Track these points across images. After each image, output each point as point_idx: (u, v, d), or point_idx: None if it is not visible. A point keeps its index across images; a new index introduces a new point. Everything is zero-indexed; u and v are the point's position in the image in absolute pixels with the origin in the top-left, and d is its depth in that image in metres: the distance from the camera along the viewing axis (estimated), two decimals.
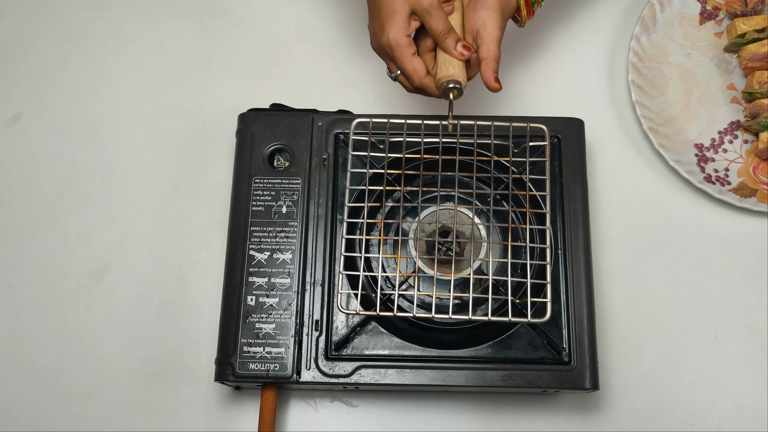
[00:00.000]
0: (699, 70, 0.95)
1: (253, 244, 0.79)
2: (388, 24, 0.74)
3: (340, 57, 0.96)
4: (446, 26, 0.74)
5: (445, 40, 0.74)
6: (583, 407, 0.82)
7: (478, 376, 0.75)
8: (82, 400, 0.82)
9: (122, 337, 0.84)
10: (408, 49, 0.75)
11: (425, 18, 0.74)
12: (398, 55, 0.75)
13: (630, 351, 0.83)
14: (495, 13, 0.76)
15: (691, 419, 0.81)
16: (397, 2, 0.74)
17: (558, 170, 0.81)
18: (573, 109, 0.87)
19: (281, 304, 0.77)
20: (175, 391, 0.82)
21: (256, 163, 0.82)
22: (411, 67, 0.75)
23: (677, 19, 0.96)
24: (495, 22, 0.75)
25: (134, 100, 0.95)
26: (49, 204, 0.90)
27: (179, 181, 0.91)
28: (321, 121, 0.83)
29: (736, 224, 0.88)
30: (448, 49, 0.75)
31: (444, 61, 0.75)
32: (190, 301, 0.86)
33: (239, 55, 0.97)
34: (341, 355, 0.76)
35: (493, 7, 0.76)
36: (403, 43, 0.74)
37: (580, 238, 0.79)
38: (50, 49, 0.97)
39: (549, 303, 0.71)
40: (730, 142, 0.92)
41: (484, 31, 0.75)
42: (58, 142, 0.93)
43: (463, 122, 0.78)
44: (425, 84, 0.76)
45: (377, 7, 0.75)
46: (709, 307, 0.85)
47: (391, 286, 0.80)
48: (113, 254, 0.88)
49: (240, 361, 0.76)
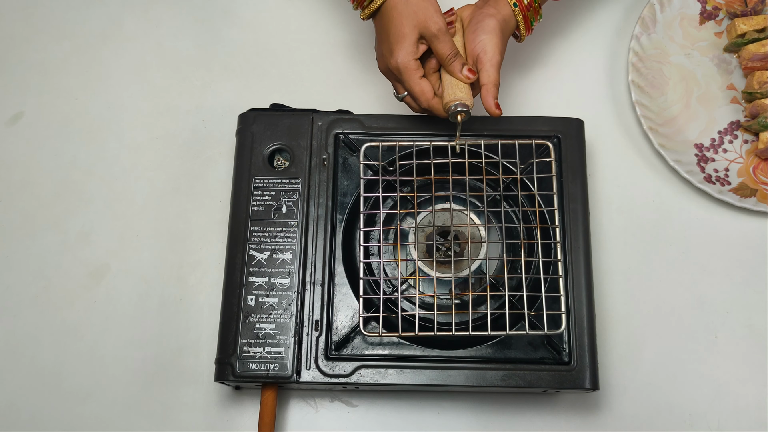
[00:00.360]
0: (699, 70, 0.95)
1: (253, 244, 0.79)
2: (396, 48, 0.76)
3: (340, 57, 0.96)
4: (453, 50, 0.76)
5: (451, 63, 0.76)
6: (583, 407, 0.82)
7: (478, 376, 0.75)
8: (82, 400, 0.82)
9: (122, 337, 0.84)
10: (416, 73, 0.76)
11: (433, 42, 0.76)
12: (406, 77, 0.76)
13: (630, 351, 0.83)
14: (495, 37, 0.77)
15: (691, 419, 0.81)
16: (406, 27, 0.75)
17: (558, 170, 0.82)
18: (573, 109, 0.87)
19: (281, 304, 0.77)
20: (175, 391, 0.82)
21: (256, 163, 0.82)
22: (419, 90, 0.76)
23: (677, 19, 0.96)
24: (495, 47, 0.77)
25: (134, 100, 0.95)
26: (48, 204, 0.90)
27: (179, 181, 0.91)
28: (321, 121, 0.83)
29: (736, 224, 0.88)
30: (455, 73, 0.76)
31: (451, 84, 0.76)
32: (190, 301, 0.86)
33: (239, 55, 0.97)
34: (341, 355, 0.76)
35: (493, 31, 0.77)
36: (412, 67, 0.76)
37: (580, 238, 0.79)
38: (50, 48, 0.97)
39: (564, 315, 0.74)
40: (730, 142, 0.92)
41: (485, 56, 0.76)
42: (57, 142, 0.93)
43: (471, 142, 0.79)
44: (432, 106, 0.77)
45: (386, 31, 0.77)
46: (709, 307, 0.85)
47: (401, 296, 0.80)
48: (113, 254, 0.88)
49: (240, 361, 0.76)
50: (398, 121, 0.83)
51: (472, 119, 0.81)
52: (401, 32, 0.75)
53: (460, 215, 0.81)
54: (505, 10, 0.79)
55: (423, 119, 0.83)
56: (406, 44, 0.75)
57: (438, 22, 0.75)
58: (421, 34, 0.76)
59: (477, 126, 0.82)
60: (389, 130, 0.83)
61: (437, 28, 0.75)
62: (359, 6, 0.79)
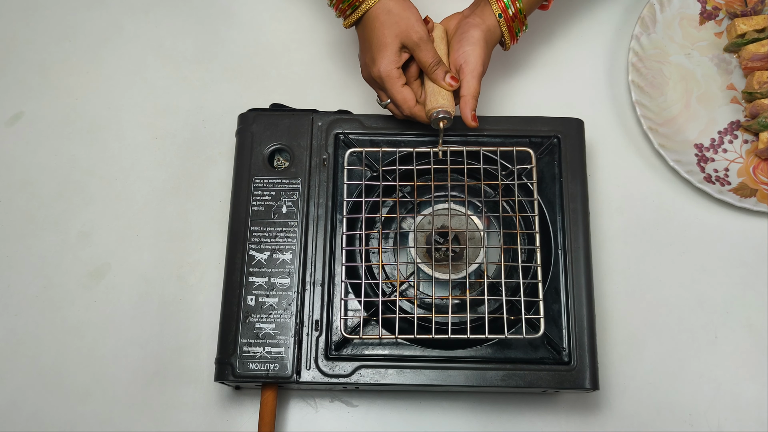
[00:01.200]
0: (699, 70, 0.95)
1: (253, 244, 0.79)
2: (379, 57, 0.77)
3: (340, 57, 0.96)
4: (435, 59, 0.77)
5: (434, 71, 0.77)
6: (583, 407, 0.82)
7: (478, 376, 0.75)
8: (82, 399, 0.82)
9: (122, 336, 0.84)
10: (398, 81, 0.77)
11: (415, 51, 0.77)
12: (389, 86, 0.77)
13: (630, 351, 0.83)
14: (478, 48, 0.78)
15: (691, 419, 0.81)
16: (388, 36, 0.76)
17: (558, 170, 0.82)
18: (573, 109, 0.87)
19: (281, 304, 0.77)
20: (175, 391, 0.82)
21: (256, 163, 0.82)
22: (401, 98, 0.78)
23: (677, 19, 0.96)
24: (477, 58, 0.78)
25: (134, 100, 0.95)
26: (49, 204, 0.90)
27: (179, 181, 0.91)
28: (321, 121, 0.83)
29: (736, 224, 0.88)
30: (437, 81, 0.77)
31: (433, 92, 0.77)
32: (190, 301, 0.86)
33: (239, 55, 0.97)
34: (341, 355, 0.76)
35: (477, 42, 0.78)
36: (394, 75, 0.77)
37: (580, 238, 0.79)
38: (50, 49, 0.97)
39: (542, 319, 0.74)
40: (730, 142, 0.92)
41: (467, 67, 0.77)
42: (57, 142, 0.93)
43: (453, 148, 0.80)
44: (415, 113, 0.78)
45: (368, 40, 0.78)
46: (709, 307, 0.85)
47: (393, 290, 0.80)
48: (113, 254, 0.88)
49: (240, 361, 0.76)
50: (398, 121, 0.83)
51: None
52: (383, 42, 0.76)
53: (460, 216, 0.81)
54: (490, 20, 0.80)
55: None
56: (388, 53, 0.76)
57: (419, 32, 0.76)
58: (403, 44, 0.77)
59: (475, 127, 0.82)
60: (389, 130, 0.83)
61: (419, 37, 0.76)
62: (342, 15, 0.80)
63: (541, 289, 0.75)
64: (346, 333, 0.76)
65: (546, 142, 0.82)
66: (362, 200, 0.79)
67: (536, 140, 0.83)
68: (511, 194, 0.81)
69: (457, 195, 0.82)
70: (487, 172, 0.81)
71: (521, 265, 0.77)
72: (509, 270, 0.79)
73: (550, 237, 0.79)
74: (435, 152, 0.80)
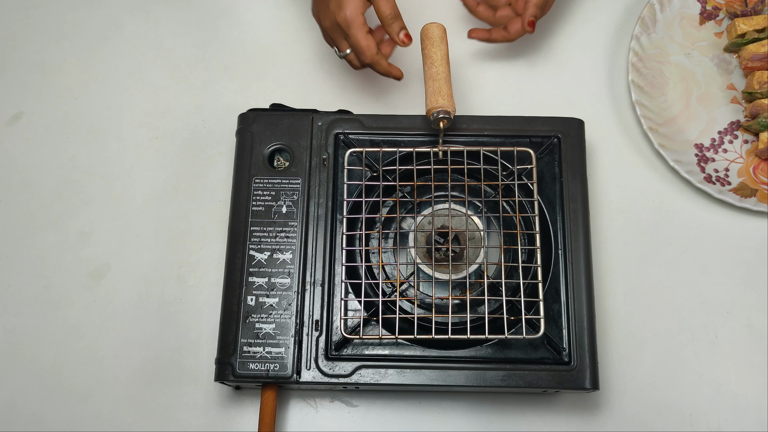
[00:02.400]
0: (699, 70, 0.95)
1: (253, 244, 0.79)
2: (345, 2, 0.78)
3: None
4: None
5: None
6: (583, 407, 0.82)
7: (478, 376, 0.75)
8: (82, 399, 0.82)
9: (122, 337, 0.84)
10: (363, 27, 0.79)
11: (376, 1, 0.79)
12: (354, 31, 0.79)
13: (630, 351, 0.83)
14: None
15: (691, 419, 0.81)
16: None
17: (558, 170, 0.82)
18: (573, 109, 0.87)
19: (281, 304, 0.77)
20: (175, 391, 0.82)
21: (256, 163, 0.82)
22: (366, 44, 0.80)
23: (677, 19, 0.96)
24: None
25: (134, 99, 0.95)
26: (49, 204, 0.90)
27: (179, 181, 0.91)
28: (321, 121, 0.83)
29: (736, 224, 0.88)
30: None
31: (433, 91, 0.77)
32: (190, 301, 0.86)
33: (239, 55, 0.97)
34: (341, 355, 0.76)
35: None
36: (360, 21, 0.79)
37: (580, 238, 0.79)
38: (50, 48, 0.97)
39: (542, 320, 0.74)
40: (730, 142, 0.92)
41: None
42: (57, 141, 0.93)
43: (453, 149, 0.80)
44: (377, 60, 0.81)
45: None
46: (709, 307, 0.85)
47: (393, 290, 0.80)
48: (113, 254, 0.88)
49: (240, 361, 0.76)
50: (398, 121, 0.83)
51: (473, 119, 0.82)
52: None
53: (460, 217, 0.81)
54: None
55: (422, 119, 0.83)
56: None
57: None
58: None
59: (477, 126, 0.82)
60: (389, 130, 0.83)
61: None
62: None
63: (541, 289, 0.75)
64: (346, 333, 0.76)
65: (546, 142, 0.82)
66: (362, 200, 0.79)
67: (536, 140, 0.83)
68: (512, 194, 0.81)
69: (457, 195, 0.82)
70: (487, 172, 0.81)
71: (521, 265, 0.77)
72: (509, 270, 0.79)
73: (550, 237, 0.79)
74: (435, 152, 0.80)
